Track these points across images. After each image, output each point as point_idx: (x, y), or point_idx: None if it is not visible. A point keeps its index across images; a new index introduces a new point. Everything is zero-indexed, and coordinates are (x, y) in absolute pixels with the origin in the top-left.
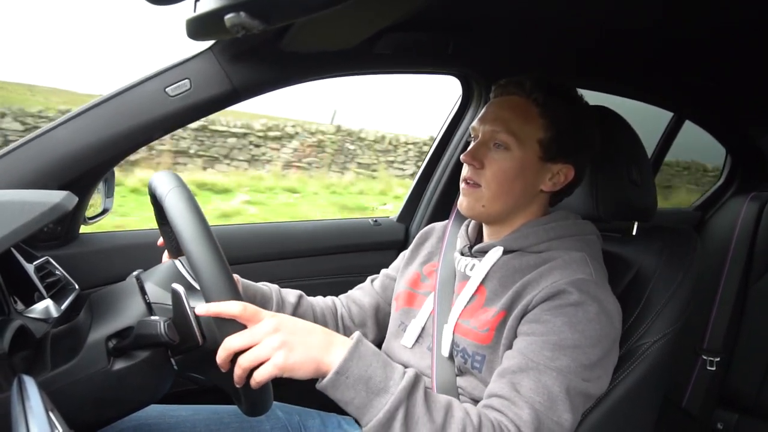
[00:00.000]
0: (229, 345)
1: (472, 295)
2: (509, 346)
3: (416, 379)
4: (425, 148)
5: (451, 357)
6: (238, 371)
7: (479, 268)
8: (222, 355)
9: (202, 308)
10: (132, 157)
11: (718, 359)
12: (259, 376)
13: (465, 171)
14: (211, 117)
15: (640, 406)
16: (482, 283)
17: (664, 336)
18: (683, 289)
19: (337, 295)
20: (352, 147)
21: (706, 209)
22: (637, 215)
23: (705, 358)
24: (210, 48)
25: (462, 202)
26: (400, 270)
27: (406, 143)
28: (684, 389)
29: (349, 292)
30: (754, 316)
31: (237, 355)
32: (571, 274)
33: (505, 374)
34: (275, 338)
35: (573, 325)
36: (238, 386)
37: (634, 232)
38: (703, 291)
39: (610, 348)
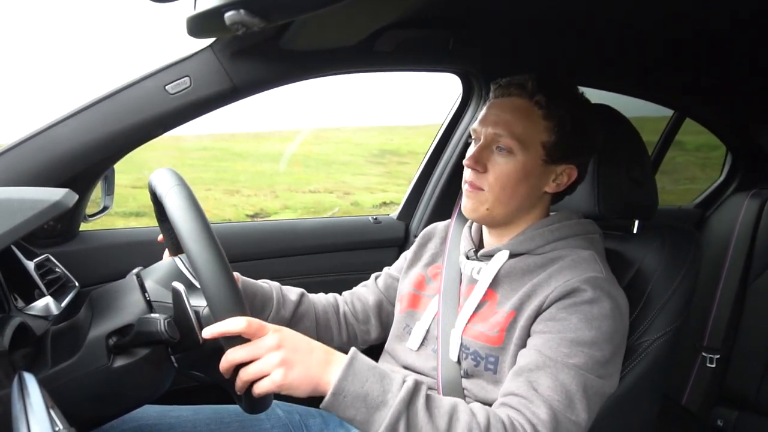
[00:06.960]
0: (231, 357)
1: (482, 299)
2: (522, 346)
3: (416, 387)
4: None
5: (458, 360)
6: (239, 383)
7: (486, 271)
8: (224, 365)
9: (207, 332)
10: None
11: (718, 356)
12: (259, 389)
13: (467, 174)
14: None
15: (641, 404)
16: (491, 287)
17: (664, 334)
18: (684, 288)
19: (338, 293)
20: None
21: (707, 207)
22: (638, 213)
23: (705, 355)
24: (210, 46)
25: (465, 205)
26: (404, 271)
27: None
28: (684, 387)
29: (354, 289)
30: (754, 314)
31: (239, 365)
32: (582, 272)
33: (522, 372)
34: (276, 355)
35: (589, 322)
36: (239, 393)
37: (635, 230)
38: (703, 288)
39: (621, 344)
